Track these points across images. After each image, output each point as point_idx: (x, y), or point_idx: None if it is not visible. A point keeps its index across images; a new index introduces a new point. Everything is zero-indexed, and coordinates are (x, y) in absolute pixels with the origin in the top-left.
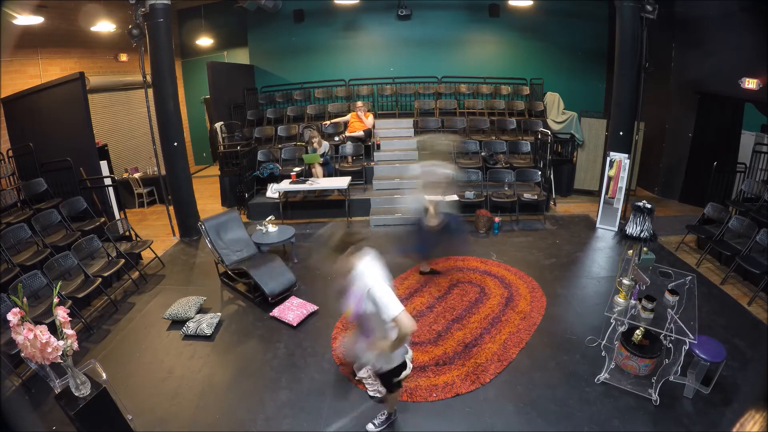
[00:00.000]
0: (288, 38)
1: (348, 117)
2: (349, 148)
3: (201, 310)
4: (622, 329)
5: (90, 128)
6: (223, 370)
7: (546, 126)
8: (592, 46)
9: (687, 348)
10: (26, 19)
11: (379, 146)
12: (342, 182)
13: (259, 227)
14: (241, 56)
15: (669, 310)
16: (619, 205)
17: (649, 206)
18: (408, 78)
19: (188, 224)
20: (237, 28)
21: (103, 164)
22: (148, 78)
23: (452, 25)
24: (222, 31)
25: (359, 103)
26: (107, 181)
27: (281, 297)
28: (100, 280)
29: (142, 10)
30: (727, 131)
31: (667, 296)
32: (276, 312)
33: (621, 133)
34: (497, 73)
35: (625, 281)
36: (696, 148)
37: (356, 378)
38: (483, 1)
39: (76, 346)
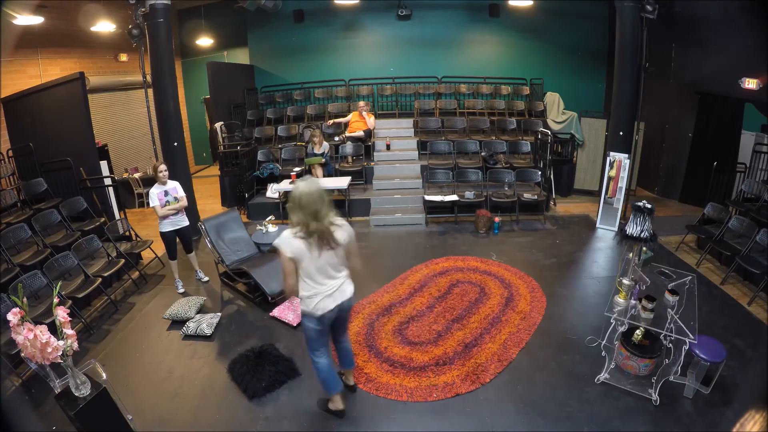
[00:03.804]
0: (288, 38)
1: (350, 117)
2: (349, 148)
3: (201, 310)
4: (622, 329)
5: (90, 128)
6: (223, 370)
7: (546, 126)
8: (592, 46)
9: (687, 348)
10: (26, 19)
11: (389, 146)
12: (342, 182)
13: (259, 227)
14: (241, 56)
15: (669, 310)
16: (619, 205)
17: (649, 206)
18: (408, 78)
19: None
20: (237, 28)
21: (103, 164)
22: (148, 78)
23: (452, 25)
24: (222, 31)
25: (362, 103)
26: (107, 181)
27: (281, 297)
28: (100, 280)
29: (142, 10)
30: (727, 131)
31: (667, 296)
32: (276, 312)
33: (621, 133)
34: (497, 73)
35: (625, 281)
36: (696, 148)
37: None
38: (483, 1)
39: (76, 346)
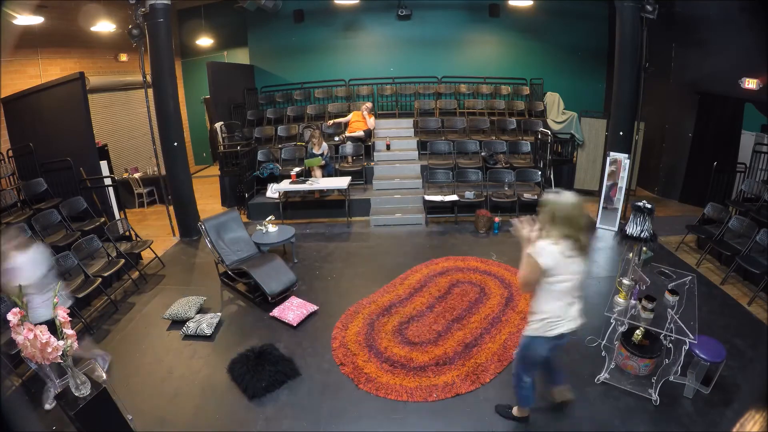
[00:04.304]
0: (288, 38)
1: (350, 116)
2: (349, 148)
3: (201, 310)
4: (622, 329)
5: (90, 128)
6: (223, 370)
7: (546, 126)
8: (592, 46)
9: (687, 348)
10: (26, 19)
11: (389, 146)
12: (342, 182)
13: (259, 227)
14: (241, 56)
15: (669, 310)
16: (619, 205)
17: (649, 206)
18: (408, 78)
19: (188, 224)
20: (237, 28)
21: (103, 164)
22: (148, 78)
23: (452, 25)
24: (222, 31)
25: (368, 104)
26: (107, 181)
27: (281, 297)
28: (100, 280)
29: (142, 10)
30: (727, 131)
31: (667, 296)
32: (276, 312)
33: (621, 133)
34: (497, 73)
35: (625, 281)
36: (696, 148)
37: None
38: (483, 1)
39: (76, 346)
